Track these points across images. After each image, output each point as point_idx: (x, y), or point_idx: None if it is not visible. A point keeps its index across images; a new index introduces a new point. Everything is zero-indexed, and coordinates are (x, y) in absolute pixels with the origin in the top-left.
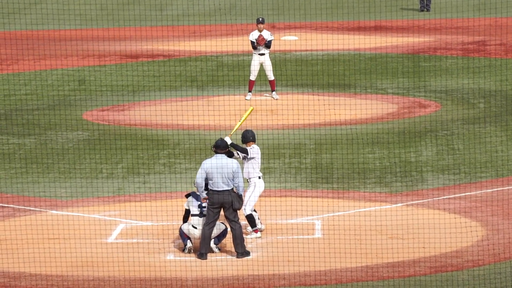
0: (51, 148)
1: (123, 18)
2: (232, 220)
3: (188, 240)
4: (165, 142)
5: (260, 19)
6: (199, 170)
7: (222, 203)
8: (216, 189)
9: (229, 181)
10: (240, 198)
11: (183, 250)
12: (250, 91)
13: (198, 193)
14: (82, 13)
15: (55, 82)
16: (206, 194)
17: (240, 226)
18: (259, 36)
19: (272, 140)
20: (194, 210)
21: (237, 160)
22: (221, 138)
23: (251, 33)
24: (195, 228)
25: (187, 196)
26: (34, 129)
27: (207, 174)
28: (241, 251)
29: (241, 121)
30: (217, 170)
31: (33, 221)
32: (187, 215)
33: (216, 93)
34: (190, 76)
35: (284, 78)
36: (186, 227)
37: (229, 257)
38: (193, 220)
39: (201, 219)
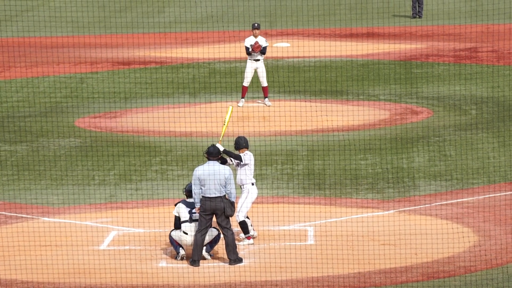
0: (43, 155)
1: (115, 25)
2: (225, 227)
3: (181, 248)
4: (158, 149)
5: (256, 24)
6: (193, 180)
7: (214, 210)
8: (209, 195)
9: (221, 187)
10: (232, 205)
11: (176, 258)
12: (243, 97)
13: (188, 201)
14: (74, 20)
15: (47, 89)
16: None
17: (233, 233)
18: (255, 43)
19: (265, 146)
20: (184, 216)
21: (230, 167)
22: (213, 144)
23: (247, 39)
24: (186, 234)
25: (177, 204)
26: (26, 136)
27: (199, 181)
28: (234, 258)
29: (226, 124)
30: (209, 177)
31: (25, 228)
32: (177, 221)
33: (208, 100)
34: (182, 83)
35: (276, 84)
36: (176, 234)
37: (221, 264)
38: (184, 226)
39: (192, 224)
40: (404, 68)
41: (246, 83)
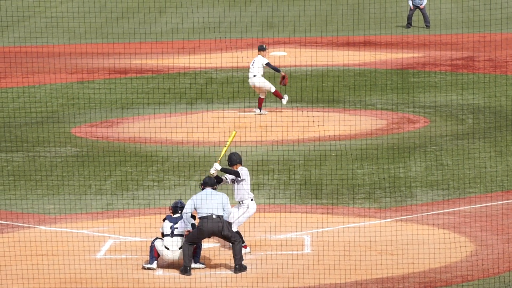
0: (40, 163)
1: (112, 34)
2: (232, 239)
3: (155, 262)
4: (154, 158)
5: (265, 46)
6: (188, 202)
7: (212, 232)
8: (210, 214)
9: (220, 207)
10: (230, 226)
11: (144, 264)
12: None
13: (173, 216)
14: (70, 29)
15: (44, 98)
16: (198, 223)
17: (240, 242)
18: (285, 79)
19: (261, 155)
20: (166, 230)
21: (225, 186)
22: (208, 176)
23: (263, 58)
24: (168, 249)
25: (164, 220)
26: (22, 144)
27: (196, 205)
28: (239, 263)
29: (226, 146)
30: (207, 197)
31: (22, 237)
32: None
33: (205, 108)
34: (179, 92)
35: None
36: (159, 245)
37: (217, 272)
38: (165, 240)
39: (174, 239)
40: (401, 77)
41: (262, 95)
